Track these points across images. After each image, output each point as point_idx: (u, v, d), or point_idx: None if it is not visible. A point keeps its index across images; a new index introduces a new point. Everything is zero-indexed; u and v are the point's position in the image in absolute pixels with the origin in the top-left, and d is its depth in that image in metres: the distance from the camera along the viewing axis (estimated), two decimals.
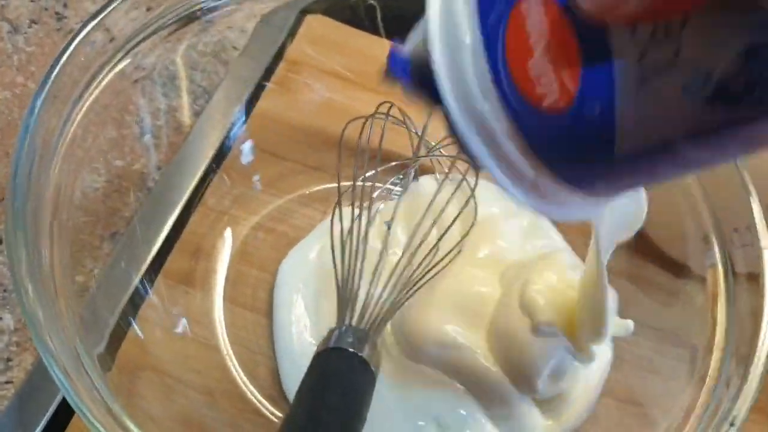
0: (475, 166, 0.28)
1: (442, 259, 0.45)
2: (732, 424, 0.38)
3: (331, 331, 0.40)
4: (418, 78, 0.28)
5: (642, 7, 0.20)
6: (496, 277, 0.47)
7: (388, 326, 0.46)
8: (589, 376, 0.48)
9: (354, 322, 0.40)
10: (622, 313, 0.41)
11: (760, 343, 0.40)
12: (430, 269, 0.44)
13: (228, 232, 0.53)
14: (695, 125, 0.22)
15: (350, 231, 0.45)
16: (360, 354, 0.37)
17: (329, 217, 0.47)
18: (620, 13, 0.21)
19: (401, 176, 0.54)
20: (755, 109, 0.21)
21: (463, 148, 0.27)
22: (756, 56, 0.20)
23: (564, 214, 0.28)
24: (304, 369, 0.41)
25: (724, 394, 0.40)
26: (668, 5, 0.21)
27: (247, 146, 0.56)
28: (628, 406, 0.48)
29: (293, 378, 0.46)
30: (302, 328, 0.49)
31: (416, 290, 0.44)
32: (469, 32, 0.25)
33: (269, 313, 0.50)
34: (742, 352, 0.41)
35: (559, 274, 0.43)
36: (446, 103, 0.25)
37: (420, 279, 0.44)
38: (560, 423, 0.47)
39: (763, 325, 0.40)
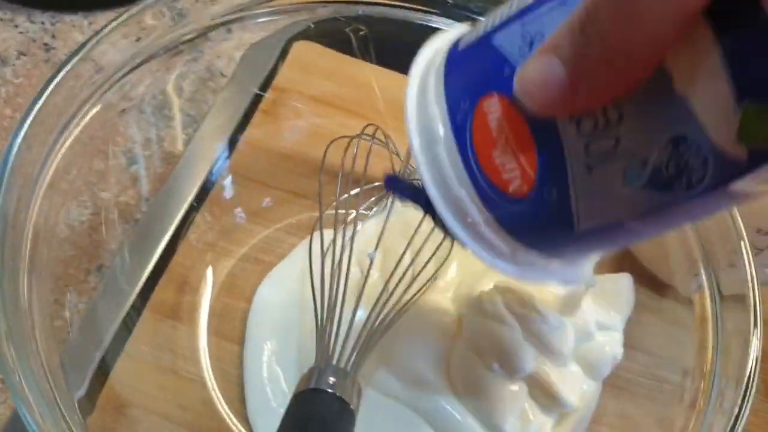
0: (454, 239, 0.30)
1: (419, 290, 0.45)
2: None
3: (311, 370, 0.39)
4: (404, 191, 0.34)
5: (574, 107, 0.24)
6: (451, 299, 0.48)
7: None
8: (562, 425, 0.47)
9: (334, 359, 0.39)
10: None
11: (749, 366, 0.39)
12: (408, 300, 0.44)
13: (215, 264, 0.52)
14: (638, 208, 0.25)
15: (333, 262, 0.44)
16: (341, 396, 0.36)
17: (308, 239, 0.47)
18: (557, 111, 0.24)
19: (382, 197, 0.54)
20: (685, 192, 0.23)
21: (445, 231, 0.30)
22: (681, 144, 0.23)
23: (546, 279, 0.31)
24: (270, 396, 0.44)
25: (714, 418, 0.40)
26: (597, 101, 0.24)
27: (229, 180, 0.55)
28: None
29: (257, 404, 0.47)
30: (271, 356, 0.48)
31: (394, 322, 0.43)
32: (442, 128, 0.28)
33: None
34: (731, 375, 0.40)
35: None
36: (428, 191, 0.29)
37: (399, 311, 0.43)
38: None
39: (752, 348, 0.40)
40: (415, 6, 0.52)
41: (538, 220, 0.27)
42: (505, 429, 0.45)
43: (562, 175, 0.25)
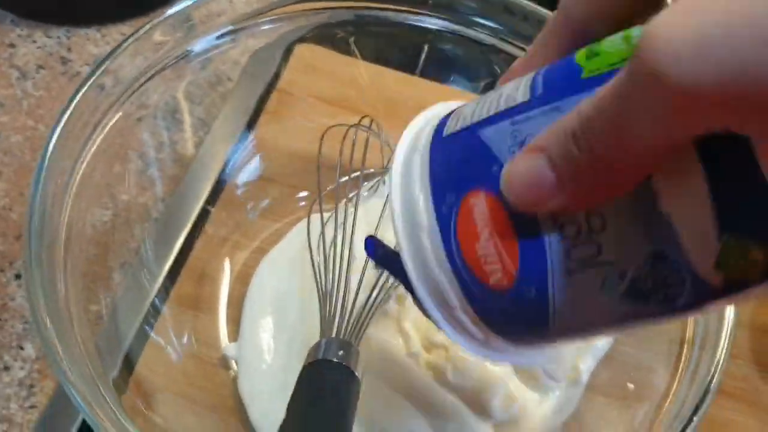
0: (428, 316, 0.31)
1: None
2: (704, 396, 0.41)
3: (319, 343, 0.42)
4: (384, 258, 0.35)
5: (558, 207, 0.24)
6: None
7: None
8: (547, 400, 0.50)
9: (337, 332, 0.43)
10: None
11: (723, 333, 0.43)
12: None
13: (231, 256, 0.56)
14: (613, 315, 0.25)
15: (335, 240, 0.47)
16: (347, 365, 0.40)
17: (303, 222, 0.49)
18: (540, 209, 0.24)
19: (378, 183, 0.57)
20: (661, 305, 0.24)
21: (421, 309, 0.30)
22: (660, 260, 0.23)
23: (515, 361, 0.32)
24: (264, 369, 0.46)
25: (694, 377, 0.43)
26: (581, 205, 0.24)
27: (243, 175, 0.59)
28: (612, 401, 0.51)
29: (249, 377, 0.50)
30: (266, 331, 0.52)
31: (388, 297, 0.46)
32: (425, 215, 0.29)
33: None
34: (709, 342, 0.44)
35: None
36: (407, 270, 0.29)
37: (395, 286, 0.47)
38: None
39: (726, 319, 0.43)
40: (404, 8, 0.55)
41: (514, 314, 0.27)
42: (492, 407, 0.48)
43: (542, 276, 0.26)
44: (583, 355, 0.50)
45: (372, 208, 0.52)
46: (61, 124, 0.45)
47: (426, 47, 0.59)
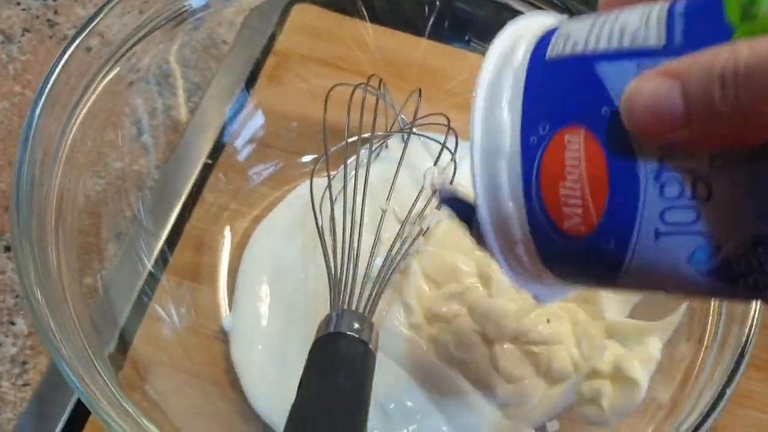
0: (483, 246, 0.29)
1: (423, 233, 0.47)
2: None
3: (330, 315, 0.41)
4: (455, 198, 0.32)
5: (674, 141, 0.22)
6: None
7: None
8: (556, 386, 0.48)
9: (349, 304, 0.41)
10: None
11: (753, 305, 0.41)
12: (414, 240, 0.46)
13: (230, 226, 0.54)
14: (690, 285, 0.24)
15: (344, 208, 0.46)
16: (362, 338, 0.38)
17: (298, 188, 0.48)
18: (655, 138, 0.23)
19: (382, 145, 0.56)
20: (747, 291, 0.23)
21: (475, 237, 0.29)
22: (763, 245, 0.22)
23: (560, 297, 0.31)
24: (258, 339, 0.46)
25: (720, 353, 0.42)
26: (700, 146, 0.22)
27: (241, 142, 0.57)
28: None
29: (242, 347, 0.49)
30: (261, 298, 0.50)
31: (402, 264, 0.45)
32: (509, 140, 0.27)
33: None
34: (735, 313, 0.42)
35: None
36: (475, 191, 0.27)
37: (407, 252, 0.45)
38: (518, 418, 0.47)
39: None
40: None
41: (582, 260, 0.26)
42: (496, 391, 0.47)
43: (627, 231, 0.24)
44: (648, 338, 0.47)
45: (380, 172, 0.50)
46: (48, 87, 0.43)
47: (437, 4, 0.56)
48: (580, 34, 0.26)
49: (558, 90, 0.26)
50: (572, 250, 0.26)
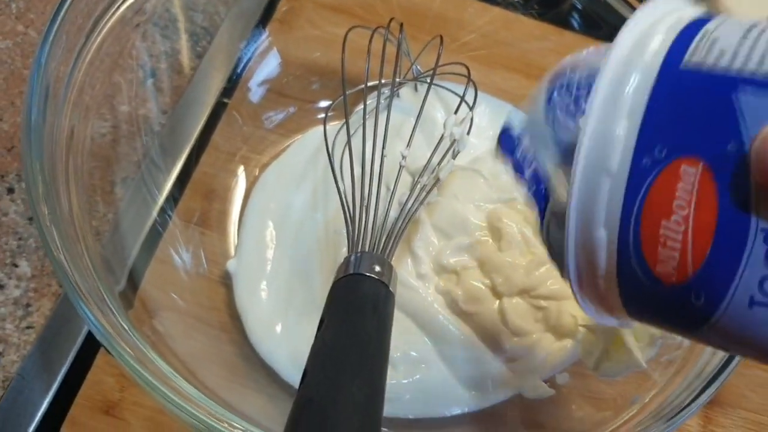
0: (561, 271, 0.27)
1: (437, 183, 0.47)
2: None
3: (349, 258, 0.40)
4: (519, 165, 0.28)
5: None
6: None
7: None
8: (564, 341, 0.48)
9: (371, 246, 0.41)
10: None
11: None
12: (432, 187, 0.45)
13: (240, 172, 0.53)
14: None
15: (364, 153, 0.45)
16: (383, 280, 0.38)
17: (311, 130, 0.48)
18: None
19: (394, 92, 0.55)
20: None
21: (554, 255, 0.27)
22: None
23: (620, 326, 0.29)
24: (262, 283, 0.46)
25: None
26: None
27: (253, 84, 0.56)
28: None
29: (246, 290, 0.48)
30: (266, 238, 0.50)
31: (419, 209, 0.44)
32: (619, 158, 0.23)
33: None
34: None
35: None
36: (568, 209, 0.24)
37: (423, 200, 0.45)
38: (525, 371, 0.47)
39: None
40: None
41: (664, 308, 0.24)
42: (503, 344, 0.46)
43: (720, 293, 0.22)
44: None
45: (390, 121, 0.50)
46: (54, 28, 0.42)
47: None
48: (729, 42, 0.22)
49: (686, 109, 0.22)
50: (658, 295, 0.23)
